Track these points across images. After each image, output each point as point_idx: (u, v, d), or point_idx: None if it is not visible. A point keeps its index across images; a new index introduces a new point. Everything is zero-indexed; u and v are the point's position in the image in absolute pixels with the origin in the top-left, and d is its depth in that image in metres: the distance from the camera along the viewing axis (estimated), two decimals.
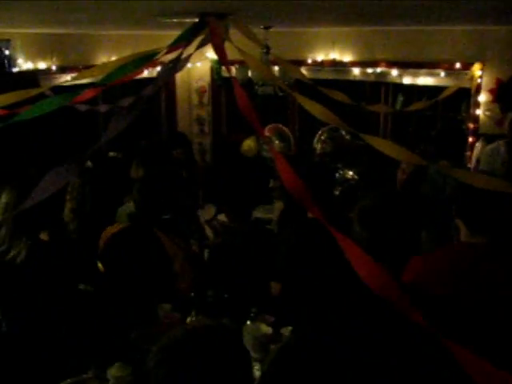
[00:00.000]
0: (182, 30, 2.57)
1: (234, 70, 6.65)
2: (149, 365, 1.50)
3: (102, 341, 3.12)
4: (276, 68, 5.64)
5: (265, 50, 4.99)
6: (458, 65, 5.43)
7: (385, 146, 2.62)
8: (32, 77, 5.25)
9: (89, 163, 5.09)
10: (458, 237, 2.52)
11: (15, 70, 5.18)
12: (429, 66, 5.66)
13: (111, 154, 5.56)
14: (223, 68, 7.05)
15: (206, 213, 5.33)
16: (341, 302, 2.19)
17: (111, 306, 3.35)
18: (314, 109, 2.48)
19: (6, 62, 5.08)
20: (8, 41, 5.09)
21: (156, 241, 3.45)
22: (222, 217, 4.93)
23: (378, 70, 6.02)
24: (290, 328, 3.04)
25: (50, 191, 1.66)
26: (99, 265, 3.49)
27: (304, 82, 3.23)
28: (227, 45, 2.54)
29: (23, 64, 5.40)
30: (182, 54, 2.40)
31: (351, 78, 6.33)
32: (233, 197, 4.05)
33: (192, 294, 3.18)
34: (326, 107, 2.52)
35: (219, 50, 2.36)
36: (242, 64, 5.66)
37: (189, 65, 6.91)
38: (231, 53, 2.57)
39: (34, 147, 5.19)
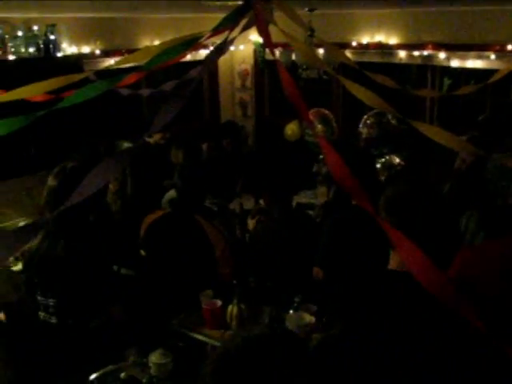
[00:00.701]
0: (225, 12, 2.52)
1: (277, 53, 6.59)
2: (205, 370, 1.42)
3: (143, 327, 3.12)
4: (320, 51, 5.53)
5: (309, 33, 4.90)
6: (509, 46, 5.23)
7: (435, 133, 2.54)
8: (76, 61, 5.29)
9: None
10: None
11: (59, 54, 5.21)
12: (478, 48, 5.47)
13: (156, 136, 5.55)
14: (267, 51, 6.97)
15: (246, 203, 5.29)
16: (383, 293, 2.12)
17: (152, 292, 3.35)
18: (361, 93, 2.41)
19: (51, 46, 5.12)
20: (53, 26, 5.13)
21: (197, 227, 3.42)
22: (262, 202, 4.89)
23: (425, 52, 5.86)
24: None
25: (101, 183, 1.62)
26: (141, 251, 3.50)
27: (348, 65, 3.14)
28: (271, 27, 2.47)
29: (67, 48, 5.43)
30: (228, 36, 2.34)
31: (397, 61, 6.18)
32: (274, 181, 3.99)
33: (234, 281, 3.15)
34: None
35: (264, 32, 2.30)
36: (286, 47, 5.59)
37: (232, 48, 6.84)
38: (275, 36, 2.50)
39: (78, 131, 5.24)
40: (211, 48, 2.77)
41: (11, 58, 4.86)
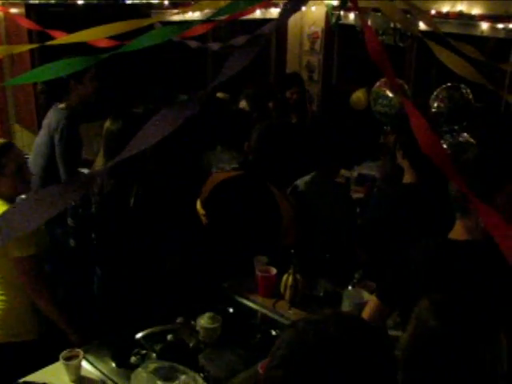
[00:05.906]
0: None
1: (352, 17, 6.32)
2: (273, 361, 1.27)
3: (194, 289, 3.03)
4: None
5: None
6: None
7: None
8: (144, 10, 5.19)
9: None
10: None
11: (128, 2, 5.11)
12: None
13: (219, 94, 5.41)
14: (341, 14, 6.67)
15: None
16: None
17: (207, 254, 3.25)
18: (451, 60, 2.20)
19: None
20: None
21: (270, 194, 3.22)
22: None
23: (511, 25, 5.48)
24: None
25: (168, 130, 1.48)
26: (199, 209, 3.34)
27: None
28: None
29: None
30: None
31: (478, 33, 5.81)
32: (335, 153, 3.75)
33: (292, 250, 2.99)
34: None
35: None
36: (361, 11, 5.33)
37: (303, 8, 6.60)
38: None
39: (143, 82, 5.19)
40: (281, 6, 2.59)
41: (80, 2, 4.79)
